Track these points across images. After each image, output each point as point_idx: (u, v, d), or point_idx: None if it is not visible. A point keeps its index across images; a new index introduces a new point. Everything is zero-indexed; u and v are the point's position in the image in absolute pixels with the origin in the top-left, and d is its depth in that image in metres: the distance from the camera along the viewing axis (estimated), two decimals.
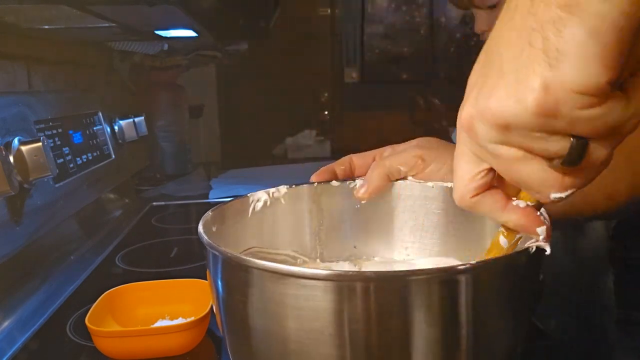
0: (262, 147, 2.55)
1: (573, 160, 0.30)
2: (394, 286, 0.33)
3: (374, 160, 0.61)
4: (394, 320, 0.33)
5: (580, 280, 1.02)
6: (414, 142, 0.60)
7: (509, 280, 0.36)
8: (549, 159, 0.30)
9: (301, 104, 3.04)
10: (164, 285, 0.71)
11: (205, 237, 0.41)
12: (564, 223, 0.90)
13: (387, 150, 0.61)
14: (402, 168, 0.56)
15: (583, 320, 1.02)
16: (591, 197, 0.63)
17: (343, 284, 0.34)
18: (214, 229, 0.47)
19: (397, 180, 0.56)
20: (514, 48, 0.29)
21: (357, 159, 0.61)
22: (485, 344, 0.36)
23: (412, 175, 0.56)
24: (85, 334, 0.62)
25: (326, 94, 3.23)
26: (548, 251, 0.36)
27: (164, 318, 0.68)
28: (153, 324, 0.66)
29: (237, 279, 0.38)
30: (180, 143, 1.71)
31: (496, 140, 0.31)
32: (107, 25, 0.88)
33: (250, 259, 0.37)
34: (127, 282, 0.72)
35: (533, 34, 0.28)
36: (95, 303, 0.65)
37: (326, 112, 3.18)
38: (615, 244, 0.90)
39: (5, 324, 0.73)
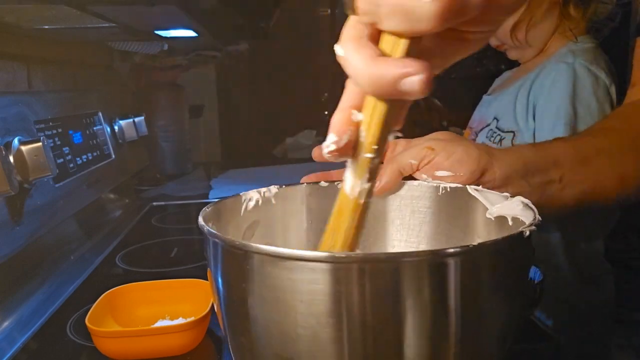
0: (262, 147, 2.55)
1: None
2: (388, 267, 0.34)
3: (386, 150, 0.61)
4: (388, 301, 0.34)
5: (580, 280, 1.02)
6: (428, 135, 0.60)
7: (499, 264, 0.37)
8: None
9: (301, 104, 3.04)
10: (164, 285, 0.71)
11: (207, 227, 0.42)
12: (576, 214, 0.90)
13: (401, 143, 0.61)
14: (412, 161, 0.56)
15: (583, 320, 1.02)
16: (605, 180, 0.63)
17: (340, 265, 0.34)
18: (210, 225, 0.48)
19: (409, 175, 0.57)
20: None
21: None
22: (475, 324, 0.37)
23: (424, 165, 0.56)
24: (85, 334, 0.63)
25: (326, 94, 3.23)
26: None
27: (164, 318, 0.68)
28: (153, 324, 0.66)
29: (237, 265, 0.39)
30: (180, 143, 1.71)
31: None
32: (107, 25, 0.88)
33: (250, 243, 0.38)
34: (127, 282, 0.72)
35: None
36: (95, 303, 0.65)
37: (326, 112, 3.18)
38: (615, 244, 0.90)
39: (5, 324, 0.73)
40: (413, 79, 0.29)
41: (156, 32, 1.08)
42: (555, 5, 0.99)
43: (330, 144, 0.34)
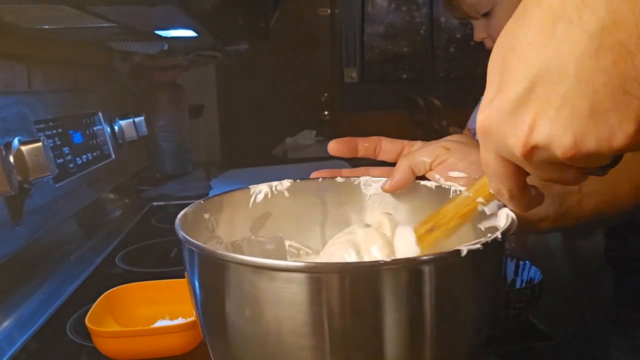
0: (262, 147, 2.56)
1: (611, 167, 0.36)
2: (365, 276, 0.35)
3: (402, 149, 0.60)
4: (367, 308, 0.35)
5: (580, 280, 1.02)
6: (444, 137, 0.60)
7: (470, 270, 0.38)
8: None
9: (301, 104, 3.04)
10: (164, 285, 0.71)
11: (182, 232, 0.41)
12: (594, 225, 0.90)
13: (417, 144, 0.61)
14: (425, 159, 0.55)
15: (582, 320, 1.02)
16: (621, 189, 0.63)
17: (317, 275, 0.35)
18: (208, 215, 0.48)
19: (423, 174, 0.56)
20: (605, 90, 0.30)
21: (385, 143, 0.60)
22: (449, 329, 0.38)
23: (436, 165, 0.56)
24: (85, 334, 0.63)
25: (326, 94, 3.23)
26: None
27: (164, 318, 0.68)
28: (153, 324, 0.67)
29: (213, 273, 0.39)
30: (180, 143, 1.71)
31: (553, 161, 0.34)
32: (107, 25, 0.88)
33: (226, 253, 0.37)
34: (127, 282, 0.72)
35: (630, 83, 0.29)
36: (95, 303, 0.65)
37: (326, 112, 3.18)
38: (614, 244, 0.90)
39: (5, 324, 0.73)
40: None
41: (156, 32, 1.08)
42: None
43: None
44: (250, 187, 0.53)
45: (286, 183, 0.55)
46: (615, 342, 0.88)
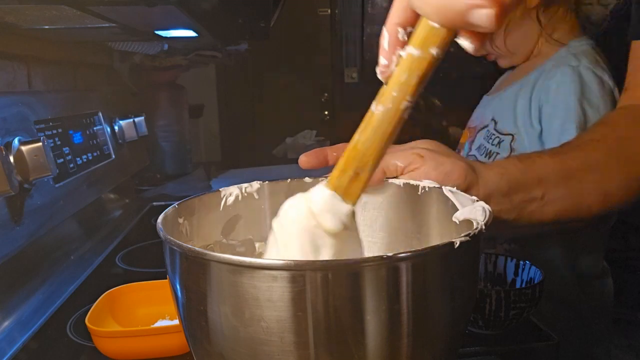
0: (262, 147, 2.56)
1: None
2: (346, 272, 0.36)
3: None
4: (348, 302, 0.36)
5: (579, 280, 1.02)
6: (415, 142, 0.60)
7: (445, 266, 0.39)
8: None
9: (301, 104, 3.04)
10: (164, 285, 0.71)
11: (163, 231, 0.41)
12: (563, 229, 0.91)
13: None
14: (399, 163, 0.56)
15: (582, 320, 1.02)
16: (588, 196, 0.63)
17: (301, 272, 0.35)
18: (180, 220, 0.48)
19: (394, 176, 0.57)
20: None
21: None
22: (425, 322, 0.39)
23: (409, 172, 0.56)
24: (85, 334, 0.63)
25: (326, 94, 3.23)
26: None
27: (164, 318, 0.68)
28: (153, 324, 0.67)
29: (195, 273, 0.39)
30: (180, 143, 1.71)
31: None
32: (107, 25, 0.88)
33: (209, 252, 0.38)
34: (127, 282, 0.72)
35: None
36: (95, 303, 0.65)
37: (326, 112, 3.18)
38: (614, 244, 0.90)
39: (5, 324, 0.73)
40: (482, 11, 0.28)
41: (156, 32, 1.08)
42: (531, 11, 0.99)
43: (382, 68, 0.36)
44: (220, 189, 0.53)
45: (255, 185, 0.55)
46: (616, 342, 0.88)
